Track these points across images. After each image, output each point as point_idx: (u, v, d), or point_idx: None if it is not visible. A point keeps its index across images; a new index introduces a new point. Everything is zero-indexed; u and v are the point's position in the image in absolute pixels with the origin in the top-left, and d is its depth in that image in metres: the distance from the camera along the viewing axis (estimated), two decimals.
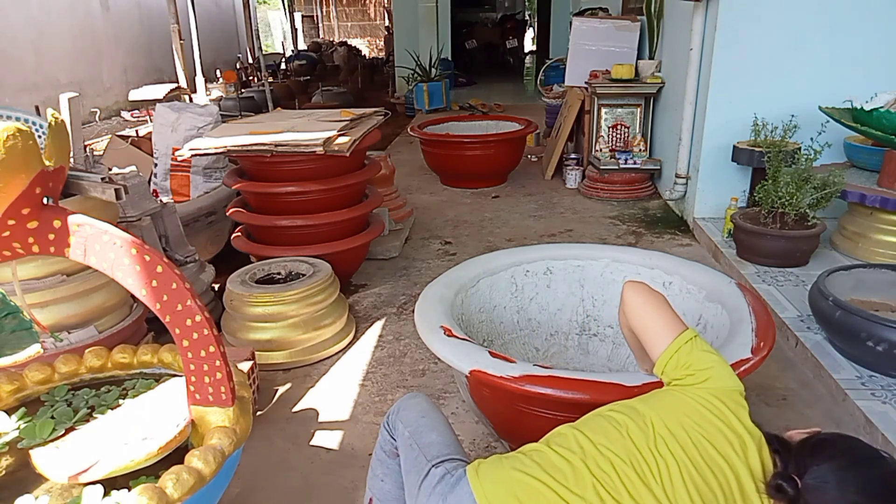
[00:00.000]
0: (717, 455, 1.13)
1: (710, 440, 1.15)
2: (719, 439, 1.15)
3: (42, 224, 1.26)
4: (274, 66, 12.26)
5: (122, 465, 1.26)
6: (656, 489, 1.09)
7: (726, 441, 1.15)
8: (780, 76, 3.62)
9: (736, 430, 1.17)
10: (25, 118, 2.20)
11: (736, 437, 1.16)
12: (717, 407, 1.21)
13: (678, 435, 1.15)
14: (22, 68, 8.28)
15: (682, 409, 1.21)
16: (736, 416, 1.20)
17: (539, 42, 13.59)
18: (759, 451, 1.15)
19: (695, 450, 1.13)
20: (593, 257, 2.35)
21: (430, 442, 1.36)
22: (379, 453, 1.55)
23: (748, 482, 1.11)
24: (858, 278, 2.50)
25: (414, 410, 1.48)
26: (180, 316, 1.27)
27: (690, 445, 1.14)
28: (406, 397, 1.56)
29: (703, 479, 1.11)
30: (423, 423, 1.43)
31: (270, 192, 3.00)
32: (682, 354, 1.31)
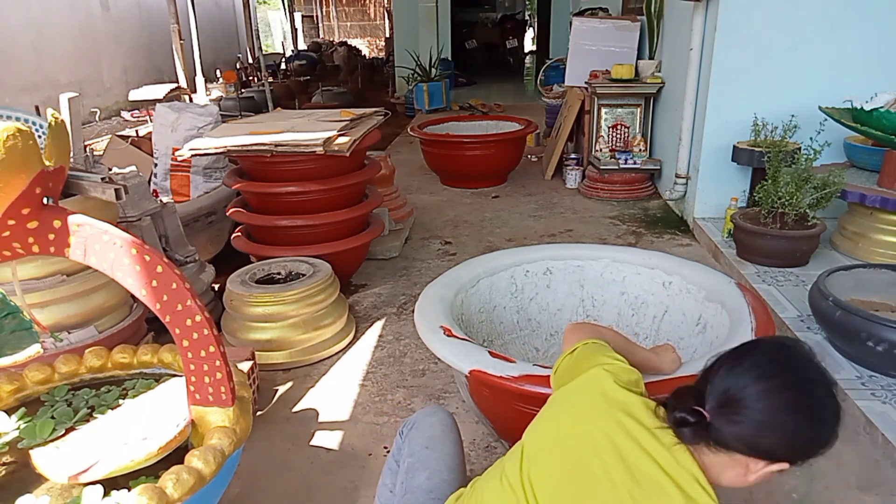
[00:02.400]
0: (587, 442, 1.08)
1: (577, 432, 1.11)
2: (588, 425, 1.10)
3: (42, 224, 1.26)
4: (274, 66, 12.26)
5: (122, 465, 1.26)
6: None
7: (597, 424, 1.09)
8: (780, 76, 3.62)
9: (606, 408, 1.11)
10: (25, 118, 2.20)
11: (608, 414, 1.09)
12: (578, 397, 1.17)
13: (541, 445, 1.14)
14: (22, 68, 8.28)
15: (547, 414, 1.21)
16: (603, 396, 1.13)
17: (539, 42, 13.59)
18: (649, 415, 1.08)
19: (559, 450, 1.11)
20: (593, 257, 2.35)
21: (417, 485, 1.34)
22: (391, 462, 1.54)
23: (631, 446, 1.04)
24: (858, 278, 2.50)
25: (423, 435, 1.45)
26: (180, 316, 1.27)
27: (554, 448, 1.12)
28: (423, 413, 1.54)
29: (579, 473, 1.06)
30: (422, 456, 1.41)
31: (270, 192, 3.00)
32: (561, 367, 1.34)
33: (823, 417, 1.00)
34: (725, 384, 1.02)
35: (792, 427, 0.99)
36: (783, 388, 0.99)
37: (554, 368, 1.38)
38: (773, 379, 1.00)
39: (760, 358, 1.03)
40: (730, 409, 1.00)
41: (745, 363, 1.03)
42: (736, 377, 1.02)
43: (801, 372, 1.02)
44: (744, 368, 1.02)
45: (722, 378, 1.03)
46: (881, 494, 1.83)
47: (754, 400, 0.99)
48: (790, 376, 1.01)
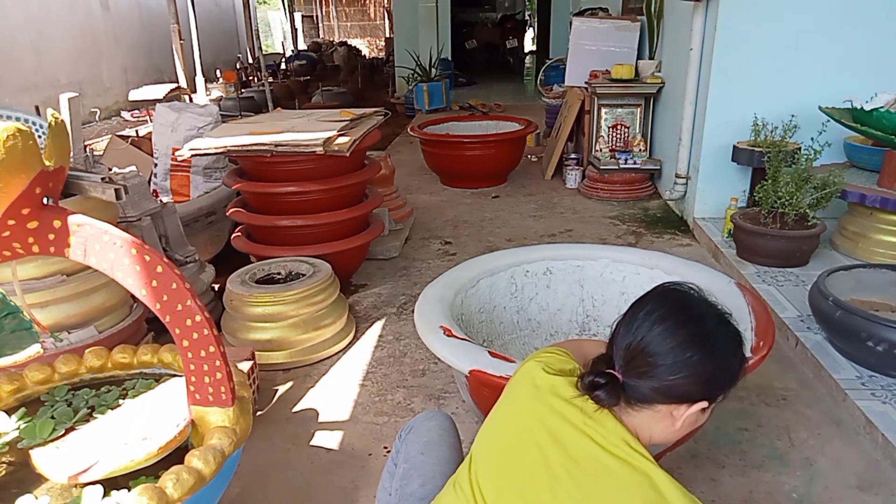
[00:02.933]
0: (523, 432, 1.09)
1: (515, 424, 1.13)
2: (525, 415, 1.12)
3: (42, 224, 1.26)
4: (274, 66, 12.26)
5: (122, 465, 1.26)
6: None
7: (532, 412, 1.10)
8: (780, 76, 3.62)
9: (537, 394, 1.13)
10: (25, 118, 2.20)
11: (540, 400, 1.11)
12: (514, 392, 1.20)
13: (485, 443, 1.17)
14: (22, 68, 8.28)
15: (492, 415, 1.23)
16: (533, 384, 1.15)
17: (539, 42, 13.60)
18: (574, 390, 1.09)
19: (500, 445, 1.13)
20: (593, 257, 2.35)
21: (410, 493, 1.34)
22: (390, 466, 1.53)
23: (562, 424, 1.05)
24: (858, 278, 2.50)
25: (419, 440, 1.44)
26: (180, 316, 1.27)
27: (495, 444, 1.14)
28: (422, 417, 1.53)
29: (519, 462, 1.07)
30: (417, 462, 1.40)
31: (270, 192, 3.00)
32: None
33: (721, 345, 1.03)
34: (626, 340, 1.05)
35: (695, 361, 1.00)
36: (676, 326, 1.01)
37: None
38: (665, 321, 1.02)
39: (651, 306, 1.05)
40: (636, 363, 1.02)
41: (639, 315, 1.05)
42: (633, 331, 1.04)
43: (690, 309, 1.05)
44: (639, 320, 1.04)
45: (622, 335, 1.06)
46: (881, 494, 1.83)
47: (655, 346, 1.01)
48: (681, 314, 1.03)
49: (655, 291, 1.10)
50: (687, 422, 1.04)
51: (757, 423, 2.15)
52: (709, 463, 1.97)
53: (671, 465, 1.95)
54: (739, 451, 2.02)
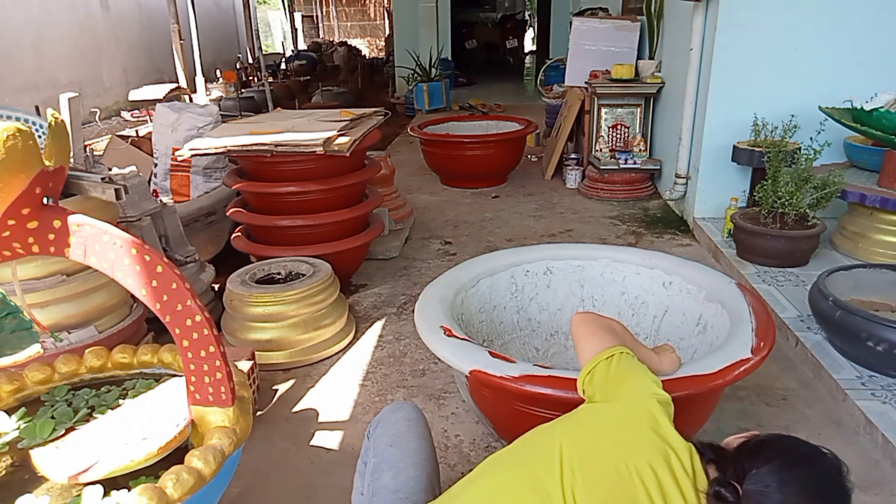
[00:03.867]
0: (633, 471, 1.07)
1: (624, 456, 1.10)
2: (636, 453, 1.10)
3: (42, 224, 1.26)
4: (274, 66, 12.26)
5: (122, 465, 1.26)
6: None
7: (643, 453, 1.10)
8: (780, 76, 3.62)
9: (655, 441, 1.11)
10: (25, 118, 2.20)
11: (656, 447, 1.10)
12: (630, 422, 1.17)
13: (587, 460, 1.11)
14: (22, 68, 8.28)
15: (594, 429, 1.19)
16: (653, 429, 1.14)
17: (539, 42, 13.59)
18: (690, 460, 1.10)
19: (606, 470, 1.09)
20: (593, 257, 2.35)
21: (383, 486, 1.33)
22: (360, 466, 1.53)
23: (674, 492, 1.06)
24: (858, 278, 2.50)
25: (387, 433, 1.44)
26: (180, 316, 1.27)
27: (602, 467, 1.10)
28: (388, 410, 1.53)
29: (624, 498, 1.06)
30: (387, 455, 1.40)
31: (270, 192, 3.00)
32: (598, 373, 1.31)
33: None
34: (774, 495, 1.02)
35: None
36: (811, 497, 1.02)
37: (586, 370, 1.34)
38: (791, 486, 1.02)
39: (808, 471, 1.06)
40: (762, 495, 1.02)
41: (802, 477, 1.04)
42: (785, 489, 1.02)
43: (831, 487, 1.05)
44: (769, 475, 1.03)
45: (770, 477, 1.04)
46: (881, 494, 1.83)
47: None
48: (820, 489, 1.04)
49: (799, 454, 1.10)
50: None
51: (757, 424, 2.14)
52: None
53: None
54: None
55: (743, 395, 2.29)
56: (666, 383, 1.52)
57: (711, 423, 2.10)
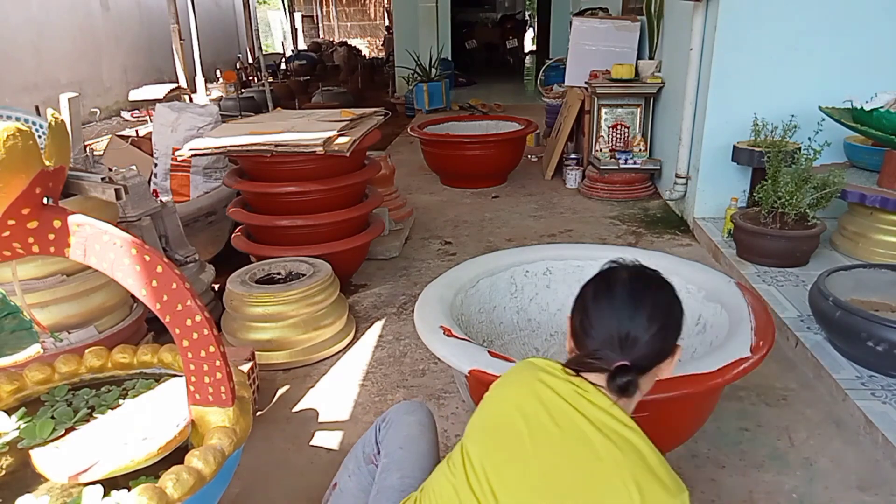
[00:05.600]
0: (513, 401, 1.16)
1: (508, 396, 1.19)
2: (515, 389, 1.20)
3: (42, 224, 1.26)
4: (274, 66, 12.26)
5: (122, 466, 1.26)
6: None
7: (520, 385, 1.19)
8: (780, 76, 3.62)
9: (528, 371, 1.21)
10: (25, 118, 2.20)
11: (532, 373, 1.19)
12: (512, 373, 1.26)
13: (479, 423, 1.20)
14: (22, 68, 8.28)
15: (485, 402, 1.25)
16: (530, 365, 1.23)
17: (539, 42, 13.59)
18: (560, 369, 1.18)
19: (493, 414, 1.18)
20: (593, 258, 2.35)
21: (389, 486, 1.37)
22: (358, 450, 1.56)
23: (552, 397, 1.13)
24: (858, 278, 2.50)
25: (399, 434, 1.46)
26: (180, 316, 1.27)
27: (489, 417, 1.19)
28: (401, 409, 1.54)
29: (505, 429, 1.13)
30: (396, 456, 1.42)
31: (270, 192, 3.00)
32: None
33: (669, 303, 1.19)
34: (606, 332, 1.14)
35: (663, 326, 1.14)
36: (640, 306, 1.14)
37: None
38: (626, 301, 1.15)
39: (607, 292, 1.19)
40: (628, 344, 1.12)
41: (604, 306, 1.17)
42: (605, 322, 1.15)
43: (634, 281, 1.20)
44: (606, 310, 1.16)
45: (599, 329, 1.15)
46: (881, 494, 1.83)
47: (634, 328, 1.12)
48: (637, 294, 1.17)
49: (609, 279, 1.22)
50: (670, 368, 1.19)
51: (757, 424, 2.15)
52: (709, 463, 1.97)
53: (672, 464, 1.95)
54: (739, 451, 2.02)
55: (743, 394, 2.29)
56: (666, 383, 1.52)
57: (711, 423, 2.11)
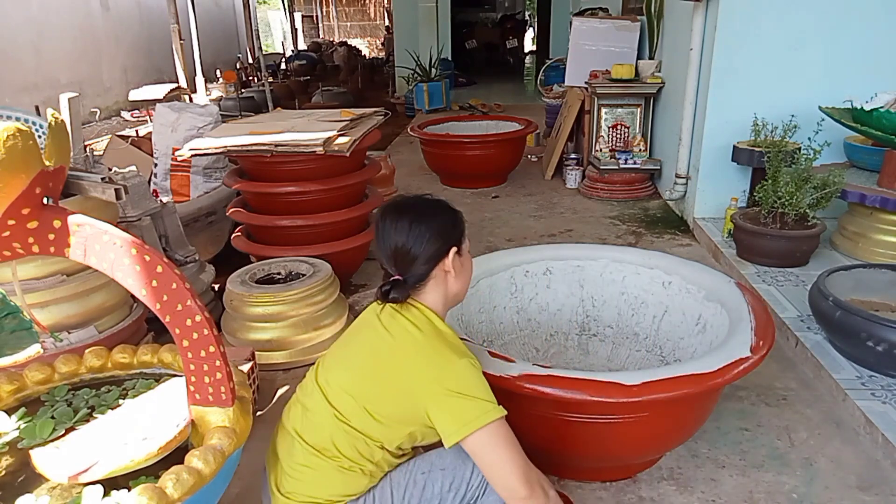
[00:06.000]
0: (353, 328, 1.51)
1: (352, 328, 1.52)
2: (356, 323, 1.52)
3: (42, 224, 1.26)
4: (274, 66, 12.26)
5: (122, 466, 1.26)
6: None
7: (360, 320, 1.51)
8: (779, 76, 3.62)
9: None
10: (25, 118, 2.20)
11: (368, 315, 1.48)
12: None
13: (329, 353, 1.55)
14: (22, 68, 8.28)
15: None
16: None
17: (539, 42, 13.58)
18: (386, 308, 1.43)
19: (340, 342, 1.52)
20: (593, 257, 2.35)
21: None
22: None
23: (374, 318, 1.44)
24: (858, 278, 2.50)
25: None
26: (180, 316, 1.27)
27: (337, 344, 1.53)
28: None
29: (344, 343, 1.49)
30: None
31: (270, 192, 3.00)
32: None
33: (430, 211, 1.43)
34: (385, 252, 1.42)
35: (425, 229, 1.39)
36: (401, 220, 1.40)
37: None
38: (395, 223, 1.40)
39: (383, 222, 1.42)
40: (402, 260, 1.39)
41: (380, 232, 1.42)
42: (385, 243, 1.41)
43: (404, 206, 1.44)
44: (382, 233, 1.41)
45: (381, 252, 1.43)
46: (881, 494, 1.83)
47: (401, 240, 1.38)
48: (400, 213, 1.41)
49: (382, 211, 1.45)
50: (456, 266, 1.43)
51: (757, 423, 2.15)
52: (709, 463, 1.97)
53: (672, 464, 1.96)
54: (740, 450, 2.02)
55: (743, 394, 2.29)
56: (666, 383, 1.53)
57: (711, 423, 2.11)
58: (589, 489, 1.87)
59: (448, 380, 1.27)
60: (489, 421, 1.24)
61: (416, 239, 1.37)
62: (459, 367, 1.29)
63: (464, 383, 1.27)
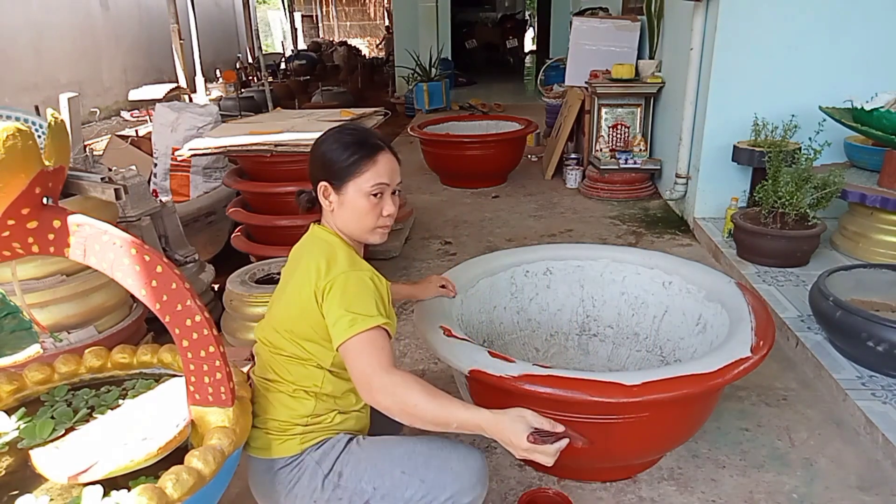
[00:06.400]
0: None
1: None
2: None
3: (42, 224, 1.26)
4: (274, 65, 12.27)
5: (122, 466, 1.26)
6: None
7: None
8: (780, 76, 3.62)
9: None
10: (25, 118, 2.19)
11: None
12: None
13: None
14: (22, 68, 8.28)
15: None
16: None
17: (539, 42, 13.59)
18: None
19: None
20: (593, 257, 2.35)
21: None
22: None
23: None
24: (859, 278, 2.50)
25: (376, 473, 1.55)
26: (180, 316, 1.26)
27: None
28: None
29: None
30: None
31: (270, 192, 3.00)
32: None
33: (323, 147, 1.49)
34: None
35: (312, 157, 1.50)
36: (325, 134, 1.52)
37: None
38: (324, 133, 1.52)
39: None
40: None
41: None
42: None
43: (326, 134, 1.52)
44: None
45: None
46: (882, 495, 1.83)
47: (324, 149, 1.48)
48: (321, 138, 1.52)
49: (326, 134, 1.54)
50: (332, 201, 1.48)
51: (757, 424, 2.15)
52: (709, 463, 1.96)
53: (672, 465, 1.96)
54: (740, 451, 2.02)
55: (743, 394, 2.29)
56: (666, 383, 1.52)
57: (712, 423, 2.11)
58: (589, 489, 1.87)
59: (336, 288, 1.36)
60: (356, 332, 1.30)
61: (311, 160, 1.49)
62: (347, 279, 1.37)
63: (344, 292, 1.35)
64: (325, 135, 1.51)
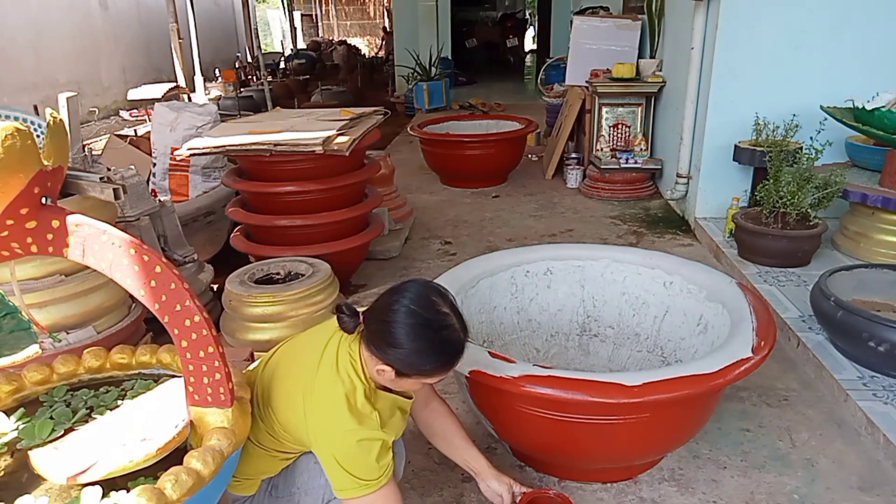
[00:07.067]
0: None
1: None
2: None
3: (40, 224, 1.25)
4: (273, 65, 12.27)
5: (121, 466, 1.26)
6: None
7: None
8: (781, 75, 3.62)
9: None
10: (24, 118, 2.19)
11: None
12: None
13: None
14: (21, 68, 8.27)
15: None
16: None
17: (539, 41, 13.58)
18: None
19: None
20: (594, 257, 2.35)
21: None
22: None
23: (319, 334, 1.48)
24: (860, 278, 2.49)
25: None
26: (179, 316, 1.26)
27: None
28: None
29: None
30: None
31: (269, 192, 2.99)
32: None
33: (423, 347, 1.31)
34: (387, 297, 1.36)
35: (404, 347, 1.31)
36: (409, 323, 1.30)
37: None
38: (407, 318, 1.31)
39: (405, 301, 1.33)
40: (376, 322, 1.34)
41: (396, 300, 1.34)
42: (390, 307, 1.34)
43: (425, 314, 1.32)
44: (395, 304, 1.33)
45: (384, 299, 1.37)
46: (882, 495, 1.82)
47: (392, 325, 1.31)
48: (417, 316, 1.31)
49: (413, 290, 1.36)
50: (386, 377, 1.36)
51: (758, 424, 2.14)
52: (710, 464, 1.96)
53: (673, 465, 1.95)
54: (741, 451, 2.01)
55: (744, 395, 2.29)
56: (667, 383, 1.52)
57: (712, 424, 2.10)
58: (590, 490, 1.87)
59: (335, 445, 1.35)
60: (354, 496, 1.34)
61: (397, 327, 1.31)
62: (349, 440, 1.33)
63: (345, 455, 1.34)
64: (417, 321, 1.31)
